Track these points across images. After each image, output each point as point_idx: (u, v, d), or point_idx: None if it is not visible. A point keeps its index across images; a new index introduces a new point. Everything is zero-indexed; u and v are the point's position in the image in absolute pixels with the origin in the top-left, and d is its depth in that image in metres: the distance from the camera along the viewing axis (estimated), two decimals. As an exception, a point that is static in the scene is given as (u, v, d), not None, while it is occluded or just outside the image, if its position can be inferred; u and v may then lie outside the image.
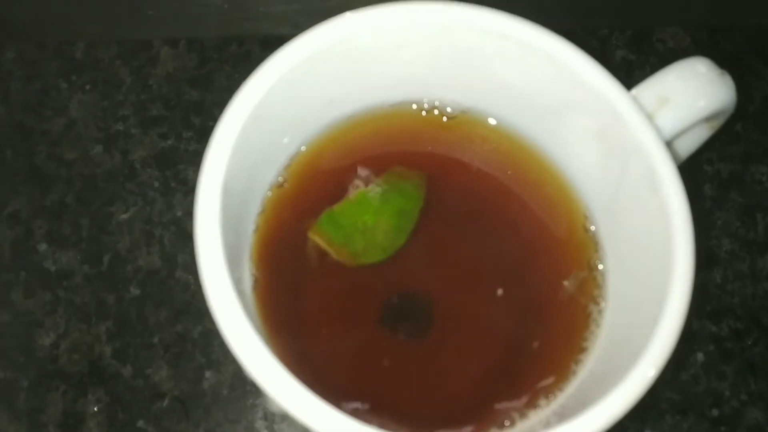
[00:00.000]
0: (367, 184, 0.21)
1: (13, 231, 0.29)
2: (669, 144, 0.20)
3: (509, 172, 0.21)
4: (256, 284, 0.19)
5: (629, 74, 0.34)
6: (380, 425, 0.17)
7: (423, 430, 0.17)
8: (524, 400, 0.19)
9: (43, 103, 0.31)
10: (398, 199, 0.21)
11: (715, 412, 0.28)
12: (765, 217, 0.31)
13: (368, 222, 0.21)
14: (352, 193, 0.21)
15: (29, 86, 0.31)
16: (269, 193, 0.20)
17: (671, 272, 0.16)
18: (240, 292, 0.17)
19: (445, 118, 0.22)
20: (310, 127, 0.20)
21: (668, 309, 0.16)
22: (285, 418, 0.26)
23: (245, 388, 0.27)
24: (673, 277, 0.16)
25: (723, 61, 0.35)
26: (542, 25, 0.24)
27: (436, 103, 0.22)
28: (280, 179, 0.20)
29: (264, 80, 0.18)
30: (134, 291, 0.28)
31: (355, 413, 0.18)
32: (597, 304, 0.20)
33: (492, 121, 0.21)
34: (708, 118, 0.20)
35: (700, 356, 0.29)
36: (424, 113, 0.22)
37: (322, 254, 0.21)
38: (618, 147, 0.19)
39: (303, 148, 0.20)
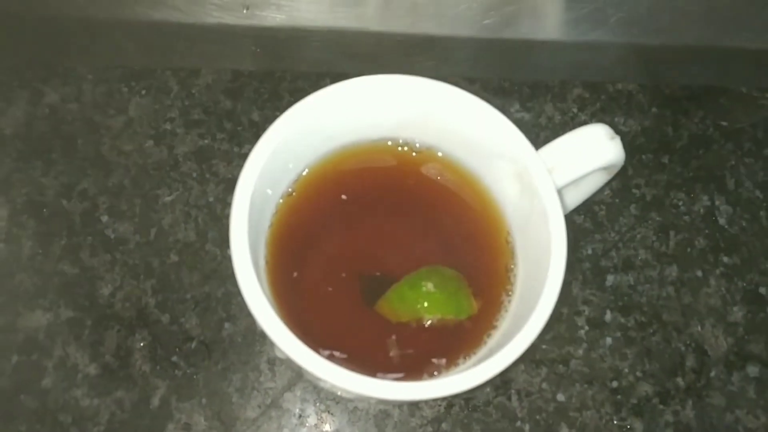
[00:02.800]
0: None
1: (82, 204, 0.37)
2: (570, 186, 0.27)
3: (458, 194, 0.29)
4: (267, 263, 0.27)
5: (582, 109, 0.41)
6: (348, 368, 0.25)
7: (375, 372, 0.25)
8: (448, 358, 0.27)
9: (107, 103, 0.38)
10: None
11: (614, 384, 0.35)
12: (677, 234, 0.39)
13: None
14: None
15: (97, 89, 0.39)
16: (281, 201, 0.28)
17: (548, 277, 0.24)
18: (257, 269, 0.25)
19: (414, 153, 0.29)
20: (312, 155, 0.28)
21: (544, 298, 0.24)
22: (283, 361, 0.34)
23: (254, 338, 0.35)
24: (549, 280, 0.24)
25: (661, 102, 0.42)
26: (513, 76, 0.31)
27: (407, 141, 0.29)
28: (290, 190, 0.28)
29: (281, 127, 0.26)
30: (173, 257, 0.36)
31: (330, 358, 0.26)
32: (508, 295, 0.28)
33: (445, 157, 0.29)
34: (602, 169, 0.28)
35: (608, 340, 0.36)
36: (399, 149, 0.29)
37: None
38: (528, 188, 0.26)
39: (306, 171, 0.28)
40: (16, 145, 0.37)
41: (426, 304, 0.27)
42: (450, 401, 0.35)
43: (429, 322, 0.27)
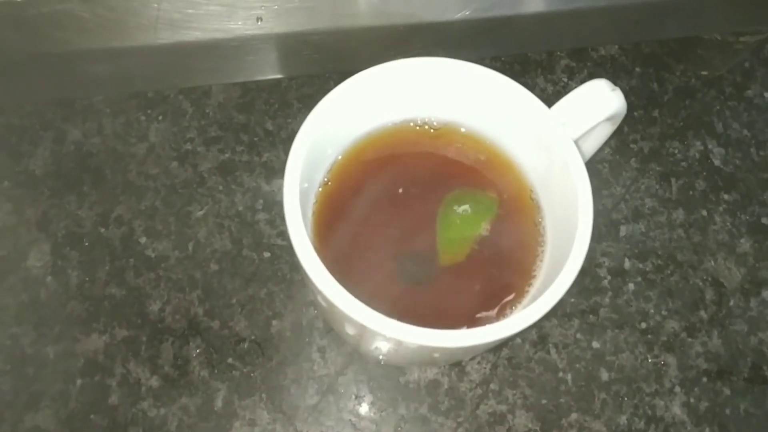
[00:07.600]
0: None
1: (120, 230, 0.38)
2: (581, 139, 0.30)
3: (479, 162, 0.31)
4: (314, 243, 0.29)
5: (571, 77, 0.44)
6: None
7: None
8: (497, 310, 0.29)
9: (128, 132, 0.40)
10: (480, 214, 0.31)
11: (643, 325, 0.38)
12: (677, 180, 0.41)
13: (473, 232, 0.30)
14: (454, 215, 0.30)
15: (116, 120, 0.41)
16: (320, 190, 0.30)
17: (578, 226, 0.26)
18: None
19: (432, 130, 0.32)
20: (344, 142, 0.30)
21: (576, 246, 0.26)
22: (334, 347, 0.36)
23: (302, 331, 0.37)
24: (579, 229, 0.26)
25: (643, 61, 0.45)
26: (502, 53, 0.33)
27: (426, 120, 0.32)
28: (326, 179, 0.30)
29: (318, 115, 0.28)
30: (214, 267, 0.38)
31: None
32: (541, 246, 0.30)
33: (463, 130, 0.31)
34: (607, 119, 0.30)
35: (631, 286, 0.39)
36: (417, 128, 0.32)
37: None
38: (546, 145, 0.28)
39: (339, 157, 0.30)
40: (48, 183, 0.39)
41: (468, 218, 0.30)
42: (494, 363, 0.37)
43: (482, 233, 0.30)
